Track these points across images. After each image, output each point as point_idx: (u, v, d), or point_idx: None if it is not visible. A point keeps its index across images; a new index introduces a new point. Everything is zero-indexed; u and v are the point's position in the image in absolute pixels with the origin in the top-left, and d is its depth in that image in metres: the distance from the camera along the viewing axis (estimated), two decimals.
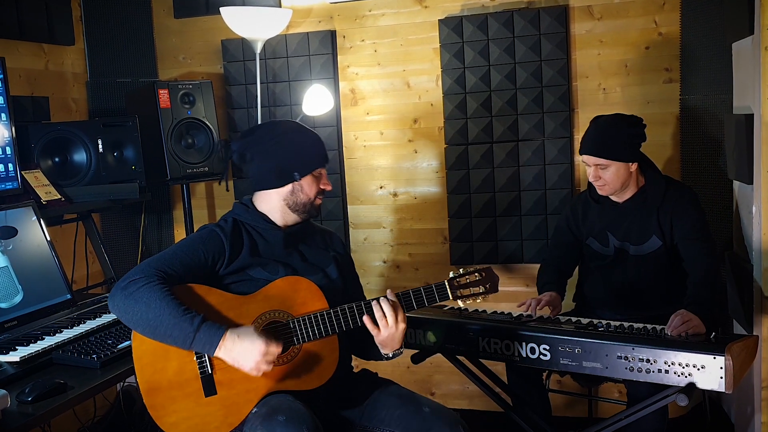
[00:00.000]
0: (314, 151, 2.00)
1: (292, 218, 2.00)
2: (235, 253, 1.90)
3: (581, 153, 2.46)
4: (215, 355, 1.73)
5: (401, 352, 1.97)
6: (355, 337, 2.01)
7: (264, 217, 1.99)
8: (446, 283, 1.95)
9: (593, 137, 2.43)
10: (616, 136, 2.39)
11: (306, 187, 1.97)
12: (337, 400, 1.97)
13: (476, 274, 1.97)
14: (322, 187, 2.00)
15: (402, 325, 1.87)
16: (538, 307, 2.45)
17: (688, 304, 2.23)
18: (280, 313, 1.88)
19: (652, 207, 2.46)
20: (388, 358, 1.98)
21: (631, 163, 2.41)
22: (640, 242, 2.47)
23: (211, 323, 1.73)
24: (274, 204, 1.99)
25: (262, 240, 1.96)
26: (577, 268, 2.75)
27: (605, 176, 2.41)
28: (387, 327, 1.86)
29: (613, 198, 2.52)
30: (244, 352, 1.72)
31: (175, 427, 1.78)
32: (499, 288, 2.02)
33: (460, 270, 1.98)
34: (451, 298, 1.95)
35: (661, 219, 2.45)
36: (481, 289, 1.97)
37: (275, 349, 1.74)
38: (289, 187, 1.97)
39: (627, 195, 2.49)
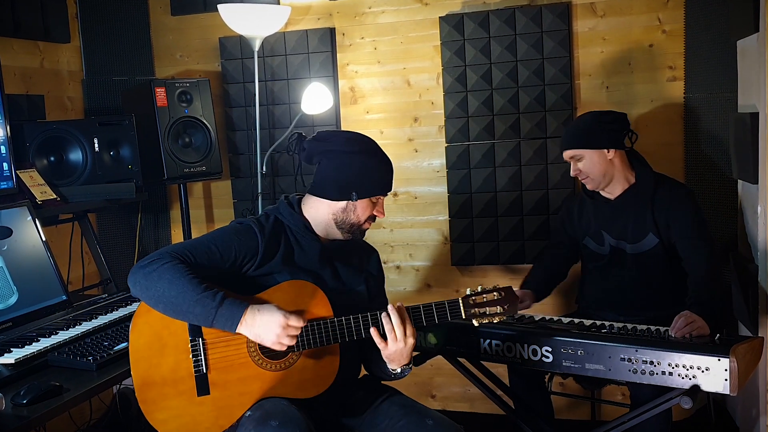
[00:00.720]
0: (380, 177, 1.94)
1: (334, 233, 1.94)
2: (268, 257, 1.86)
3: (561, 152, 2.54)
4: (237, 331, 1.71)
5: (410, 368, 1.89)
6: (362, 350, 1.97)
7: (306, 224, 1.93)
8: (460, 302, 1.85)
9: (565, 133, 2.54)
10: (584, 126, 2.47)
11: (359, 210, 1.91)
12: (336, 407, 1.94)
13: (495, 293, 1.85)
14: (375, 213, 1.95)
15: (411, 340, 1.79)
16: None
17: (690, 305, 2.21)
18: None
19: (645, 203, 2.45)
20: (395, 375, 1.90)
21: (606, 151, 2.43)
22: (637, 240, 2.46)
23: (233, 299, 1.72)
24: (321, 214, 1.93)
25: (299, 248, 1.91)
26: (580, 270, 2.73)
27: (583, 167, 2.46)
28: (395, 341, 1.78)
29: (605, 194, 2.53)
30: (265, 326, 1.70)
31: (164, 424, 1.76)
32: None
33: (478, 288, 1.87)
34: (463, 317, 1.85)
35: (657, 216, 2.44)
36: (499, 310, 1.84)
37: (296, 323, 1.72)
38: (343, 203, 1.91)
39: (617, 190, 2.49)
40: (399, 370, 1.88)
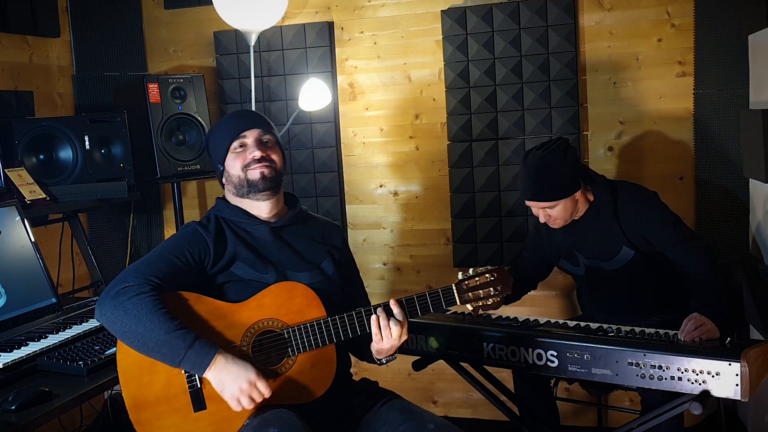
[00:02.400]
0: (224, 131, 1.95)
1: (259, 206, 1.93)
2: (220, 251, 1.86)
3: (524, 198, 2.40)
4: (204, 375, 1.68)
5: (395, 357, 1.92)
6: (352, 339, 1.94)
7: (244, 212, 1.94)
8: (453, 287, 1.85)
9: (533, 183, 2.35)
10: (554, 175, 2.32)
11: (229, 168, 1.93)
12: (335, 412, 1.90)
13: (487, 275, 1.87)
14: (248, 158, 1.89)
15: (405, 337, 1.82)
16: None
17: (698, 307, 2.16)
18: (274, 322, 1.81)
19: (609, 217, 2.39)
20: (380, 363, 1.94)
21: (576, 192, 2.37)
22: (611, 257, 2.42)
23: (203, 342, 1.68)
24: (230, 196, 1.97)
25: (248, 236, 1.92)
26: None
27: (554, 213, 2.38)
28: (390, 338, 1.80)
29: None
30: (233, 376, 1.67)
31: None
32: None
33: (470, 271, 1.87)
34: (458, 303, 1.85)
35: (626, 229, 2.38)
36: (493, 291, 1.86)
37: (264, 388, 1.69)
38: (223, 179, 1.96)
39: (580, 212, 2.44)
40: (384, 361, 1.92)
